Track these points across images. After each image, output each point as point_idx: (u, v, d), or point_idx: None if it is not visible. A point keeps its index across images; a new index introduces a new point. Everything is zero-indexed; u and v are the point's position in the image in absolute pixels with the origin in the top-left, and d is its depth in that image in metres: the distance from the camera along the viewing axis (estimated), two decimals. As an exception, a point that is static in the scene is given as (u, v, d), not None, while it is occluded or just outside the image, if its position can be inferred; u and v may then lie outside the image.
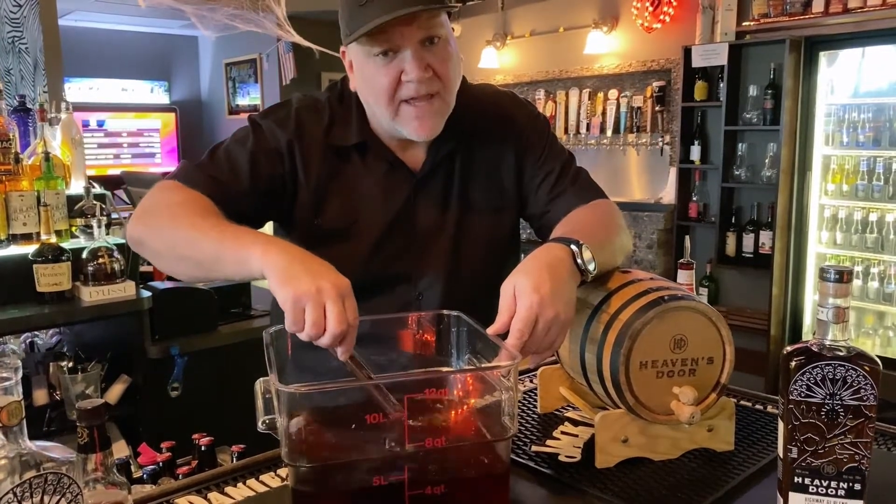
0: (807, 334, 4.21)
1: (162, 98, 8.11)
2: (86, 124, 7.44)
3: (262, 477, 1.06)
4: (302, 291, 0.87)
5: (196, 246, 1.05)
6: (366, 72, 1.18)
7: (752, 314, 4.23)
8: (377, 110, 1.21)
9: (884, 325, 4.05)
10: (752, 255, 4.23)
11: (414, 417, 0.82)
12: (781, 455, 0.88)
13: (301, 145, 1.25)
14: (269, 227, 1.42)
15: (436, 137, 1.22)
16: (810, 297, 4.19)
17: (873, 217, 3.93)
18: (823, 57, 3.98)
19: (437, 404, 0.85)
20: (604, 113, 5.02)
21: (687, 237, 1.44)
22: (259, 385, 0.92)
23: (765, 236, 4.15)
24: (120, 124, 7.73)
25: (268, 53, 6.98)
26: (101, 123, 7.65)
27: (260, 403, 0.89)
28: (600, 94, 5.07)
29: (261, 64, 7.20)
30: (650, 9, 4.61)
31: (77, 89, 7.47)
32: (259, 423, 0.86)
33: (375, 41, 1.13)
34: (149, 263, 2.82)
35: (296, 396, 0.83)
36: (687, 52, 4.32)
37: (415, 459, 0.82)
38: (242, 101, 7.59)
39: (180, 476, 1.36)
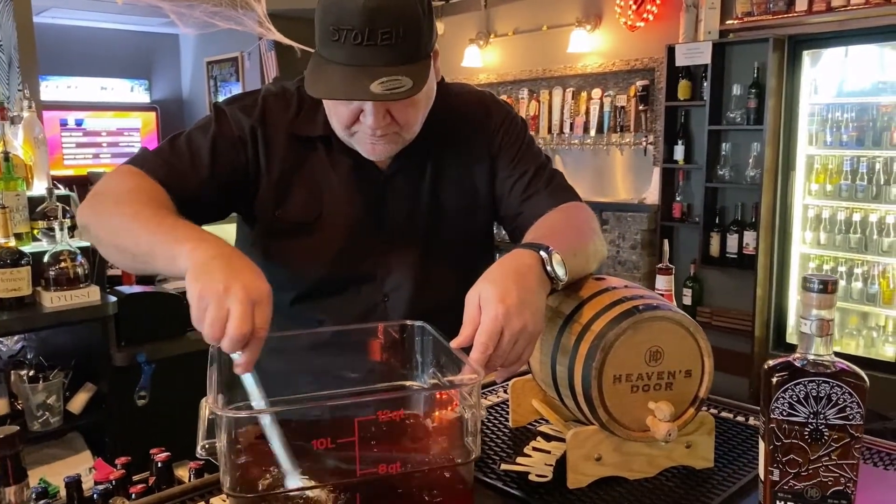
0: (791, 335, 4.18)
1: (142, 97, 8.00)
2: (64, 123, 7.32)
3: (212, 500, 0.99)
4: (208, 288, 0.81)
5: (133, 237, 0.99)
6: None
7: (736, 315, 4.20)
8: (333, 125, 1.17)
9: (867, 326, 4.03)
10: (736, 256, 4.19)
11: (366, 442, 0.75)
12: (762, 477, 0.82)
13: (265, 132, 1.20)
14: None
15: None
16: (794, 297, 4.16)
17: (857, 217, 3.91)
18: (807, 56, 3.96)
19: (392, 427, 0.78)
20: (587, 112, 4.97)
21: (666, 241, 1.38)
22: (203, 405, 0.85)
23: (749, 237, 4.12)
24: (99, 123, 7.60)
25: (249, 52, 6.89)
26: (79, 122, 7.52)
27: (202, 426, 0.82)
28: (584, 94, 5.02)
29: (242, 62, 7.11)
30: (633, 7, 4.56)
31: (55, 88, 7.35)
32: (198, 449, 0.78)
33: None
34: (117, 266, 2.74)
35: (237, 421, 0.76)
36: (670, 51, 4.28)
37: (367, 487, 0.76)
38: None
39: (133, 495, 1.29)
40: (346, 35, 1.01)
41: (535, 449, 1.09)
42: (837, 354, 0.79)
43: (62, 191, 2.55)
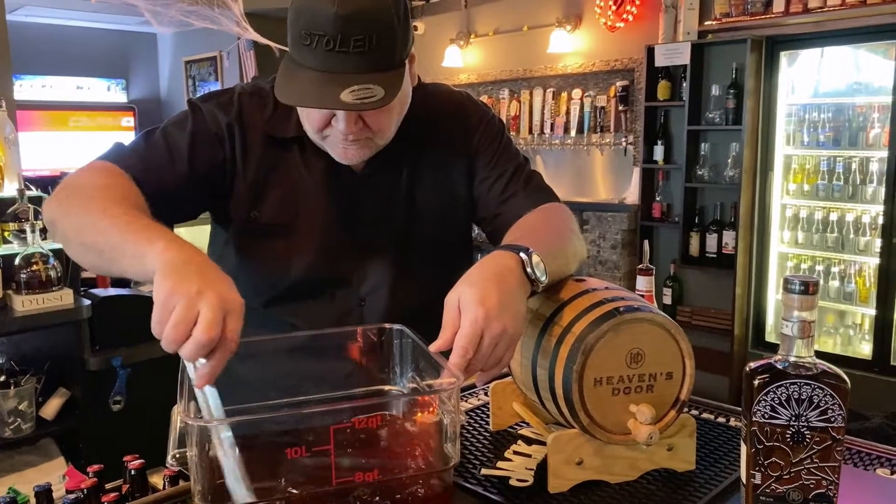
0: (770, 334, 4.22)
1: (119, 96, 7.89)
2: (38, 123, 7.20)
3: (185, 509, 0.96)
4: (179, 288, 0.75)
5: (101, 234, 0.94)
6: None
7: (715, 314, 4.23)
8: (306, 128, 1.15)
9: (844, 324, 4.08)
10: (715, 255, 4.22)
11: (341, 450, 0.73)
12: (744, 481, 0.81)
13: (241, 130, 1.18)
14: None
15: None
16: (773, 296, 4.20)
17: (833, 216, 3.95)
18: (784, 57, 3.99)
19: (369, 434, 0.76)
20: (568, 113, 4.98)
21: (646, 242, 1.37)
22: (175, 413, 0.83)
23: (728, 236, 4.15)
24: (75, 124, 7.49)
25: (228, 51, 6.82)
26: (54, 122, 7.40)
27: (173, 434, 0.80)
28: (564, 94, 5.03)
29: (221, 62, 7.04)
30: (613, 7, 4.58)
31: (29, 87, 7.22)
32: (168, 458, 0.76)
33: None
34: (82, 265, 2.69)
35: (208, 431, 0.74)
36: (650, 52, 4.30)
37: (343, 496, 0.74)
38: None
39: (105, 504, 1.25)
40: (317, 41, 0.99)
41: (515, 453, 1.08)
42: (815, 353, 0.78)
43: (34, 192, 2.49)
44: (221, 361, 0.75)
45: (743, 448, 0.81)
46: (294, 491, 0.73)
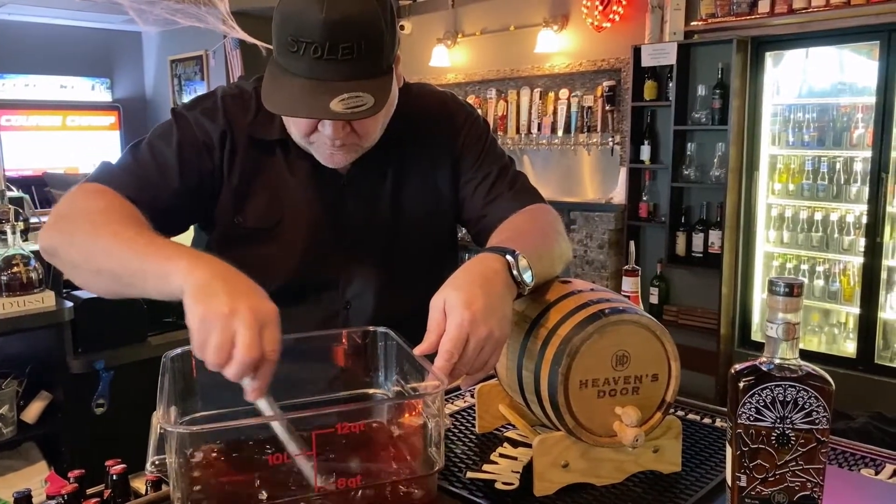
0: (756, 333, 4.24)
1: (104, 96, 7.83)
2: (21, 123, 7.14)
3: (166, 516, 0.95)
4: (212, 311, 0.76)
5: (116, 258, 0.93)
6: None
7: (702, 313, 4.25)
8: (291, 133, 1.14)
9: (829, 323, 4.11)
10: (701, 255, 4.24)
11: (324, 455, 0.72)
12: (730, 483, 0.81)
13: (232, 137, 1.17)
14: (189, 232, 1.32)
15: None
16: (759, 295, 4.22)
17: (818, 216, 3.98)
18: (769, 57, 4.02)
19: (351, 439, 0.75)
20: (555, 112, 4.99)
21: (632, 243, 1.37)
22: (155, 419, 0.81)
23: (714, 236, 4.16)
24: (59, 122, 7.43)
25: (214, 50, 6.78)
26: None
27: (153, 440, 0.78)
28: (551, 94, 5.03)
29: (207, 61, 7.01)
30: (600, 8, 4.58)
31: (12, 86, 7.15)
32: (147, 465, 0.75)
33: None
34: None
35: (189, 436, 0.73)
36: (636, 52, 4.31)
37: (326, 502, 0.73)
38: (188, 99, 7.33)
39: (86, 510, 1.23)
40: (305, 48, 0.98)
41: (501, 455, 1.07)
42: (800, 352, 0.78)
43: (15, 192, 2.46)
44: (268, 375, 0.76)
45: (728, 450, 0.81)
46: (276, 497, 0.72)
